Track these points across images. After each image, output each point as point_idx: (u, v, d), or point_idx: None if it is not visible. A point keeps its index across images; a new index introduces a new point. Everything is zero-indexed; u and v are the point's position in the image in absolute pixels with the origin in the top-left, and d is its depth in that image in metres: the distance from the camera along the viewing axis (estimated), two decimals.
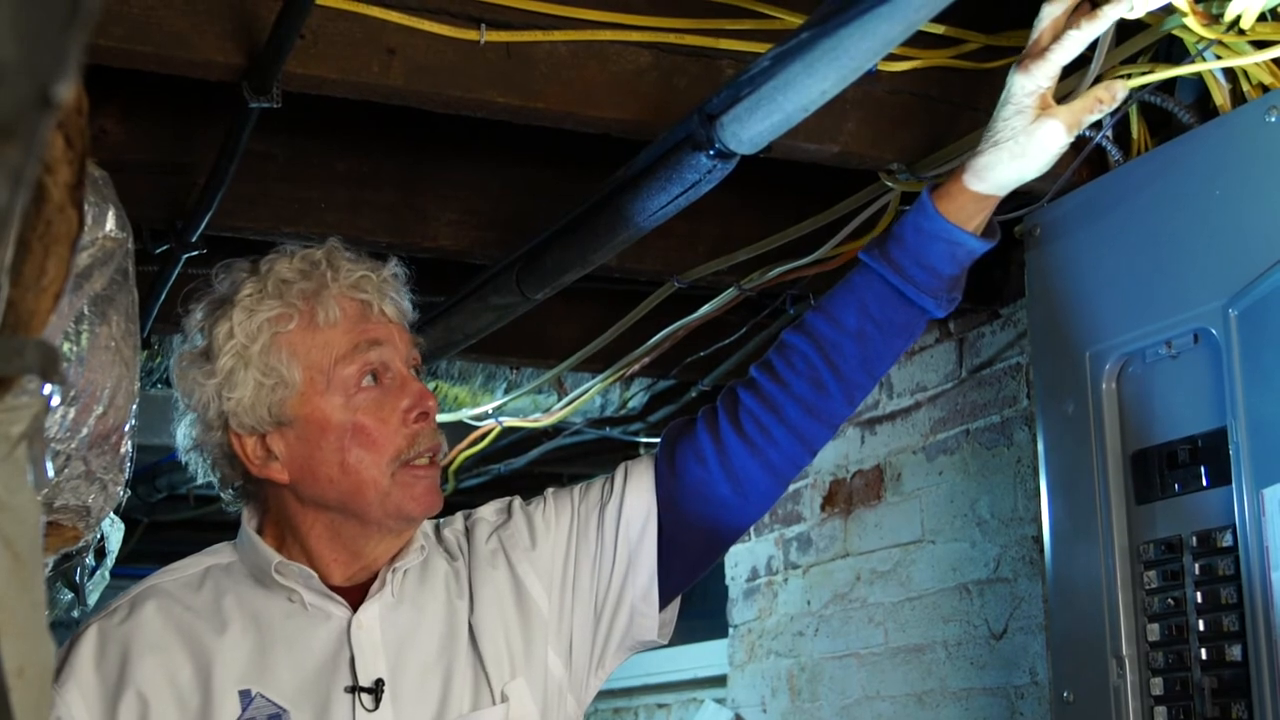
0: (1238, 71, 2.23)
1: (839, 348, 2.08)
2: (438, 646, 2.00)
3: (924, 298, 2.06)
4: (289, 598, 1.98)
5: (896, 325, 2.08)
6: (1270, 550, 2.05)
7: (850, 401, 2.11)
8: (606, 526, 2.11)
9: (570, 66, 2.29)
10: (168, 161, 2.64)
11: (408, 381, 2.00)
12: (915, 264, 2.05)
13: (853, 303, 2.08)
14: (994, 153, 2.03)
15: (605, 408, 4.36)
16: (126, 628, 1.95)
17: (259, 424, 1.97)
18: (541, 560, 2.10)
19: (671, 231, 2.90)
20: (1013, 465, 3.16)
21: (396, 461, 1.97)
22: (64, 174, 0.86)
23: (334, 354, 1.96)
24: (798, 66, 1.98)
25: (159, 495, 5.20)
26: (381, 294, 2.01)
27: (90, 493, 2.17)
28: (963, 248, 2.05)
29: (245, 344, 1.95)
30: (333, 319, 1.96)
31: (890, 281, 2.06)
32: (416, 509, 1.99)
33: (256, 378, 1.95)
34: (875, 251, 2.08)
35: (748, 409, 2.09)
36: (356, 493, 1.96)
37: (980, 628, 3.24)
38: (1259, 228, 2.14)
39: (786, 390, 2.08)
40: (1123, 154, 2.48)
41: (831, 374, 2.08)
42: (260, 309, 1.96)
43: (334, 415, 1.95)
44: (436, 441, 2.02)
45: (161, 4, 2.06)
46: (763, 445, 2.09)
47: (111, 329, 2.09)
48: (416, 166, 2.88)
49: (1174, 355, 2.29)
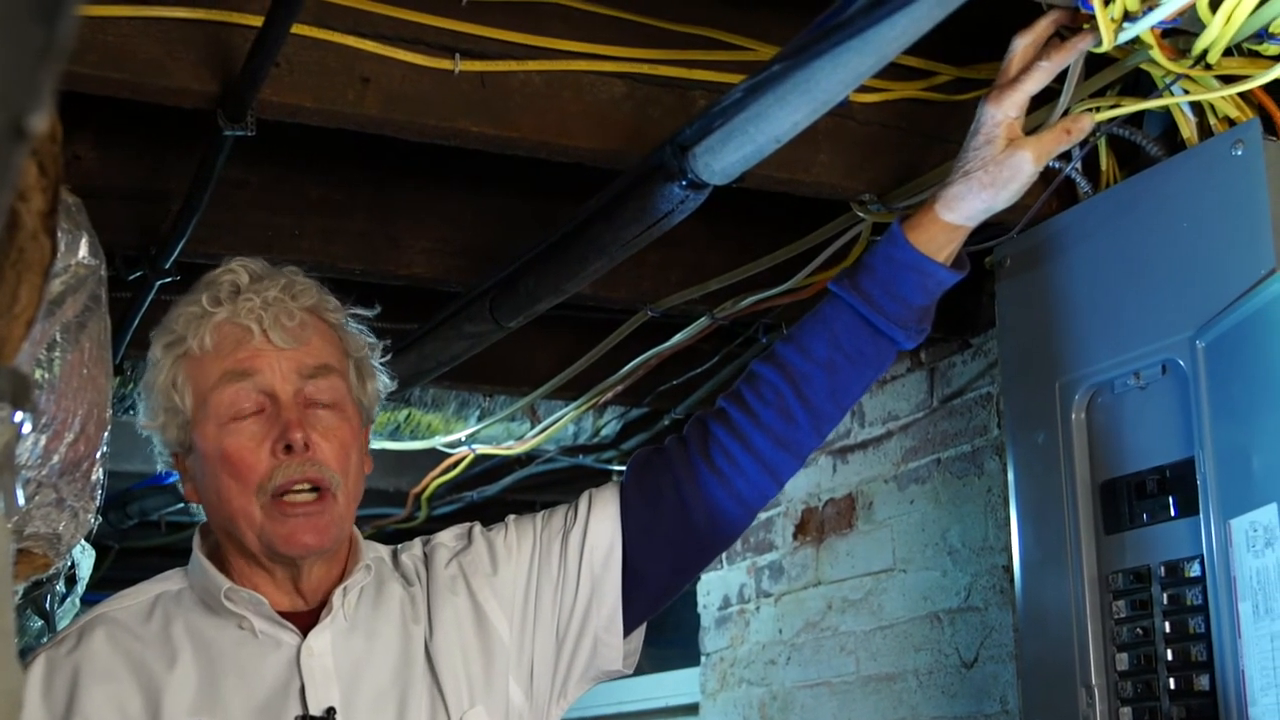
0: (1204, 105, 2.25)
1: (808, 378, 2.07)
2: (392, 673, 1.96)
3: (894, 329, 2.05)
4: (239, 624, 1.94)
5: (866, 356, 2.08)
6: (1237, 581, 2.06)
7: (819, 432, 2.10)
8: (569, 554, 2.08)
9: (544, 96, 2.30)
10: (142, 188, 2.64)
11: (288, 410, 1.91)
12: (885, 294, 2.05)
13: (823, 333, 2.07)
14: (964, 183, 2.04)
15: (578, 435, 4.36)
16: (75, 657, 1.91)
17: (174, 447, 1.98)
18: (503, 587, 2.06)
19: (644, 260, 2.91)
20: (983, 494, 3.17)
21: (264, 493, 1.89)
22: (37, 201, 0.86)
23: (209, 383, 1.92)
24: (770, 98, 1.99)
25: (130, 522, 5.17)
26: (267, 320, 1.92)
27: (61, 520, 2.16)
28: (933, 278, 2.06)
29: (155, 373, 1.96)
30: (206, 347, 1.92)
31: (860, 312, 2.05)
32: (286, 547, 1.90)
33: (162, 404, 1.95)
34: (846, 282, 2.08)
35: (716, 439, 2.08)
36: (232, 523, 1.92)
37: (951, 657, 3.25)
38: (1226, 260, 2.16)
39: (755, 421, 2.07)
40: (1092, 186, 2.50)
41: (800, 405, 2.07)
42: (164, 337, 1.96)
43: (209, 443, 1.91)
44: (308, 473, 1.90)
45: (136, 31, 2.06)
46: (730, 475, 2.07)
47: (84, 356, 2.08)
48: (390, 194, 2.88)
49: (1142, 386, 2.30)
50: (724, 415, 2.10)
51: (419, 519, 4.95)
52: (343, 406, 1.96)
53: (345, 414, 1.96)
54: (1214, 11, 1.98)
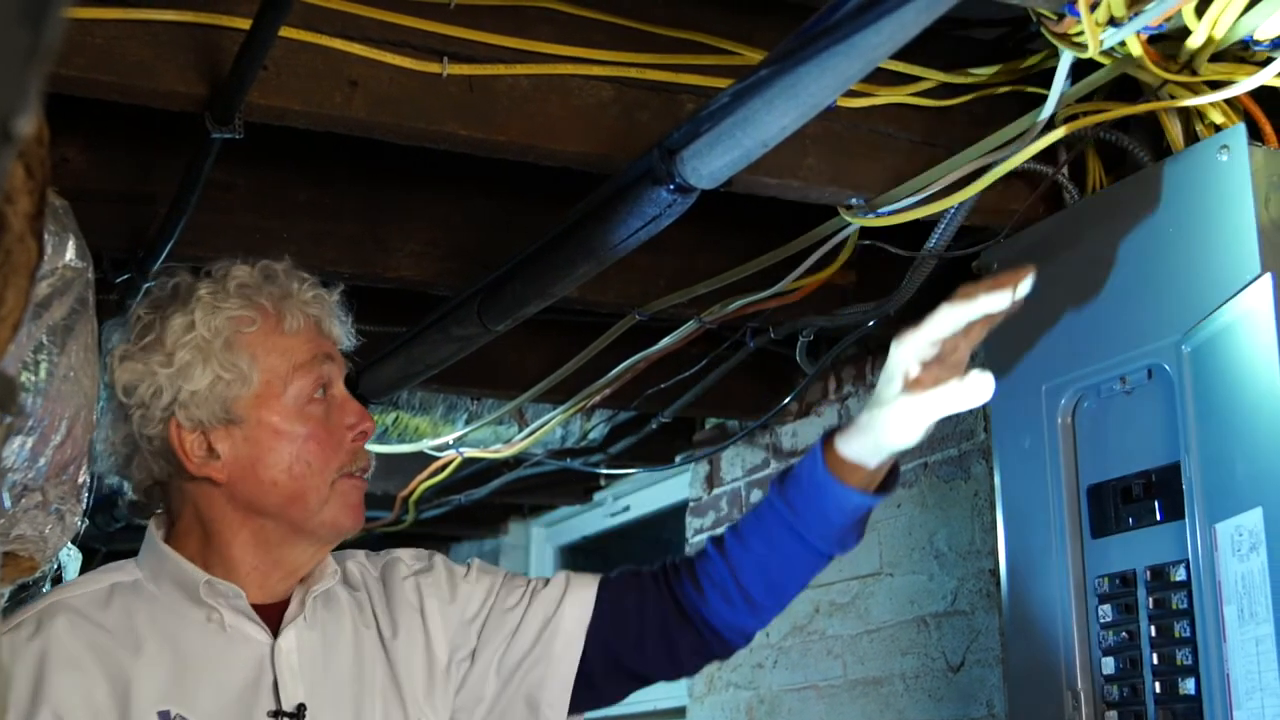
0: (1191, 111, 2.26)
1: (745, 570, 2.10)
2: (348, 672, 2.01)
3: (817, 542, 2.07)
4: (208, 617, 1.95)
5: (795, 561, 2.10)
6: (1222, 584, 2.07)
7: (758, 619, 2.15)
8: (527, 625, 2.12)
9: (532, 100, 2.30)
10: (130, 191, 2.63)
11: (349, 400, 2.03)
12: (808, 509, 2.04)
13: (759, 531, 2.10)
14: (868, 416, 2.02)
15: (566, 439, 4.35)
16: (37, 644, 1.89)
17: (209, 419, 1.95)
18: (452, 617, 2.12)
19: (632, 264, 2.91)
20: (970, 498, 3.18)
21: (338, 473, 1.98)
22: (24, 204, 0.86)
23: (293, 361, 1.97)
24: (758, 102, 2.00)
25: (117, 524, 5.15)
26: (331, 315, 2.05)
27: (48, 523, 2.15)
28: (848, 501, 2.04)
29: (207, 338, 1.95)
30: (297, 327, 1.99)
31: (786, 521, 2.06)
32: (349, 521, 2.00)
33: (216, 371, 1.94)
34: (778, 488, 2.09)
35: (686, 595, 2.14)
36: (298, 498, 1.96)
37: (938, 660, 3.25)
38: (1212, 265, 2.17)
39: (702, 597, 2.13)
40: (1078, 191, 2.50)
41: (739, 592, 2.11)
42: (224, 306, 1.97)
43: (288, 421, 1.96)
44: (370, 460, 2.06)
45: (124, 34, 2.06)
46: (698, 626, 2.13)
47: (70, 359, 2.08)
48: (379, 198, 2.88)
49: (1128, 391, 2.31)
50: (686, 580, 2.14)
51: (406, 522, 4.95)
52: None
53: None
54: (1200, 17, 1.98)
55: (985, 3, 2.34)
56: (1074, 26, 2.00)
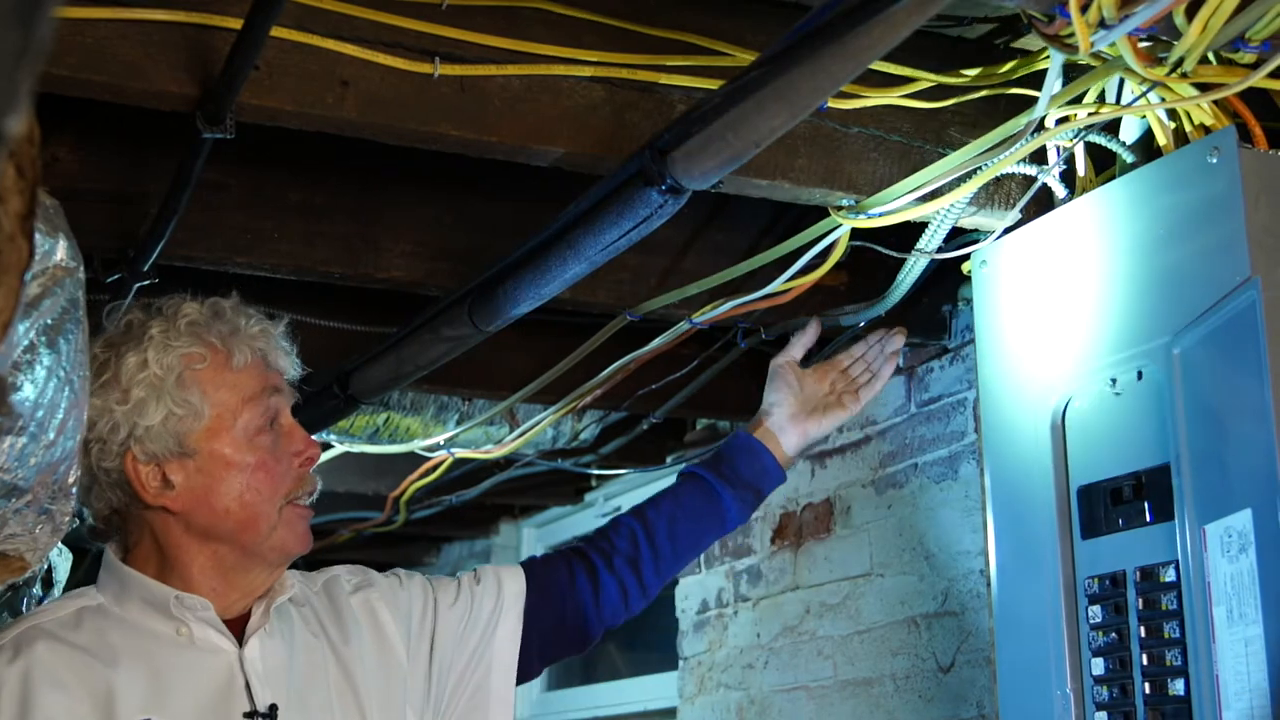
0: (1181, 112, 2.26)
1: (658, 529, 2.54)
2: (305, 677, 2.14)
3: (730, 501, 2.59)
4: (177, 631, 2.08)
5: (702, 516, 2.58)
6: (1212, 585, 2.07)
7: (658, 574, 2.53)
8: (474, 623, 2.35)
9: (523, 100, 2.30)
10: (121, 190, 2.63)
11: (295, 428, 2.17)
12: (736, 463, 2.64)
13: (670, 495, 2.62)
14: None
15: (557, 439, 4.35)
16: (19, 666, 1.99)
17: (163, 452, 2.08)
18: (402, 622, 2.29)
19: (623, 265, 2.91)
20: (961, 499, 3.18)
21: (286, 500, 2.13)
22: (15, 203, 0.86)
23: (242, 395, 2.11)
24: (749, 103, 2.00)
25: None
26: (276, 348, 2.18)
27: (38, 523, 2.15)
28: (771, 462, 2.66)
29: (160, 375, 2.07)
30: (244, 362, 2.12)
31: (706, 481, 2.60)
32: (296, 545, 2.15)
33: (169, 407, 2.07)
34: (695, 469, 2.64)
35: (595, 562, 2.50)
36: (249, 525, 2.10)
37: (928, 661, 3.26)
38: (1201, 266, 2.17)
39: (620, 555, 2.50)
40: (1068, 192, 2.51)
41: (648, 549, 2.52)
42: (175, 344, 2.09)
43: (238, 452, 2.10)
44: (315, 484, 2.19)
45: (115, 34, 2.06)
46: (603, 592, 2.48)
47: (61, 359, 2.08)
48: (370, 198, 2.88)
49: (1118, 392, 2.31)
50: (601, 543, 2.52)
51: (397, 522, 4.95)
52: None
53: None
54: (1190, 19, 1.99)
55: (976, 4, 2.35)
56: (1065, 28, 2.00)
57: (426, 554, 6.53)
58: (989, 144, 2.37)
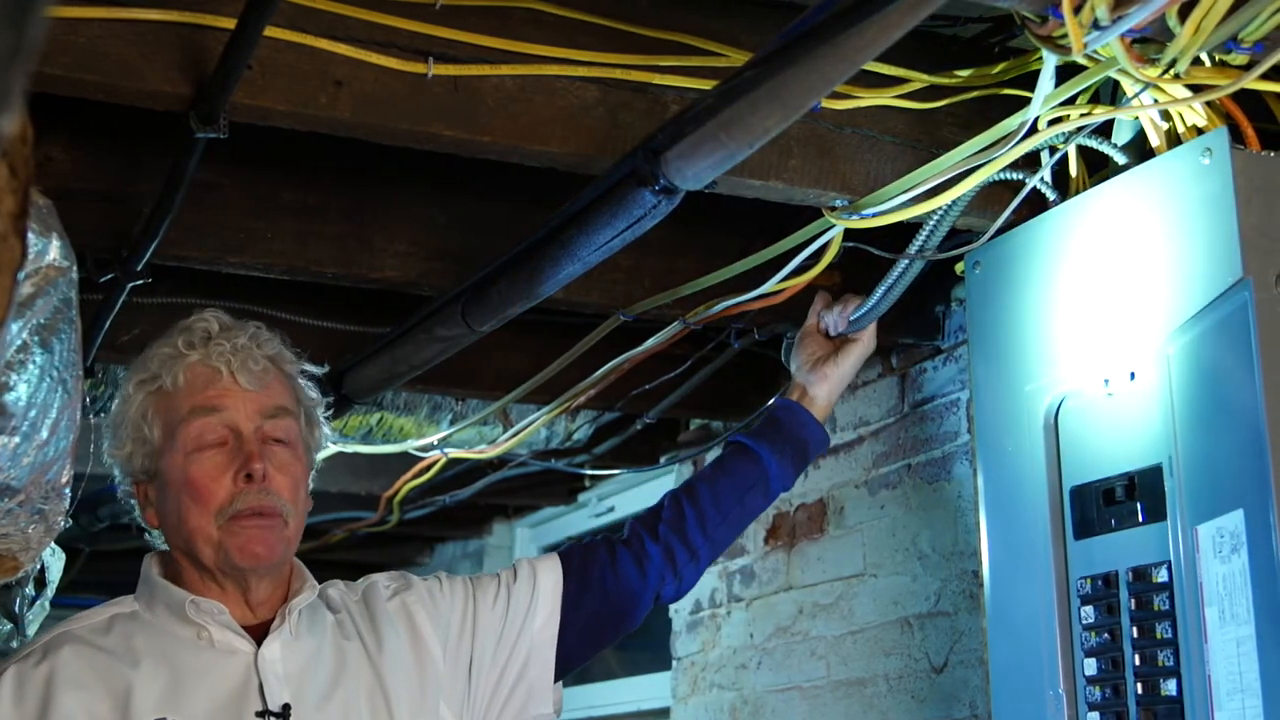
0: (1173, 114, 2.27)
1: (702, 494, 2.64)
2: (330, 679, 2.19)
3: (772, 460, 2.70)
4: (198, 634, 2.15)
5: (746, 477, 2.69)
6: (1204, 586, 2.08)
7: (710, 538, 2.63)
8: (515, 609, 2.40)
9: (517, 100, 2.30)
10: (114, 190, 2.63)
11: (245, 445, 2.16)
12: (785, 426, 2.77)
13: (719, 465, 2.76)
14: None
15: (550, 440, 4.35)
16: (44, 669, 2.08)
17: (141, 475, 2.22)
18: (440, 620, 2.35)
19: (617, 265, 2.91)
20: (954, 500, 3.18)
21: (223, 515, 2.14)
22: (8, 203, 0.86)
23: (178, 416, 2.16)
24: (742, 104, 2.00)
25: (101, 524, 5.14)
26: (235, 364, 2.18)
27: (31, 522, 2.16)
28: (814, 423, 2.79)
29: (124, 407, 2.21)
30: (179, 385, 2.17)
31: (749, 447, 2.72)
32: (243, 560, 2.14)
33: (131, 434, 2.20)
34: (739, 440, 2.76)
35: (645, 536, 2.58)
36: (191, 541, 2.15)
37: (921, 661, 3.26)
38: (1194, 267, 2.17)
39: (673, 525, 2.60)
40: (1061, 194, 2.51)
41: (694, 510, 2.62)
42: (135, 375, 2.22)
43: (174, 470, 2.16)
44: (263, 501, 2.15)
45: (109, 33, 2.05)
46: (650, 561, 2.56)
47: (54, 359, 2.08)
48: (364, 198, 2.87)
49: (1111, 393, 2.31)
50: (646, 516, 2.62)
51: (391, 522, 4.94)
52: (296, 445, 2.24)
53: (297, 452, 2.24)
54: (1183, 20, 1.99)
55: (969, 4, 2.35)
56: (1058, 29, 2.00)
57: (420, 554, 6.53)
58: (982, 145, 2.37)
